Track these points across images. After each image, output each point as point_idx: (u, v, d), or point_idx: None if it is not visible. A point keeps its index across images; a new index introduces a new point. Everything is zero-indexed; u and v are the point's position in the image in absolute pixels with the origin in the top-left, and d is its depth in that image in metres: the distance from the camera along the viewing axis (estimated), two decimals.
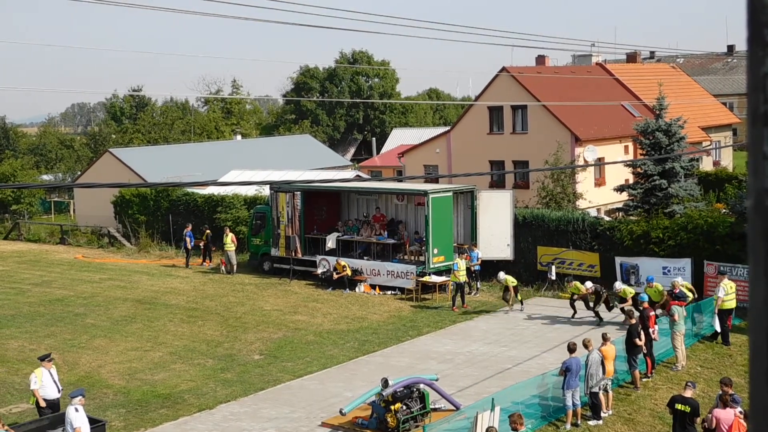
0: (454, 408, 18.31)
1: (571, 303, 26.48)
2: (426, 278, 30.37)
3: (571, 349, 18.10)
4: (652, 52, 78.50)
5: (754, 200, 1.41)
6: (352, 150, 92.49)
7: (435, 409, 18.42)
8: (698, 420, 15.75)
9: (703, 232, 27.35)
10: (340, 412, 17.94)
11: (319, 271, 33.08)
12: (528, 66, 49.33)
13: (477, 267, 30.66)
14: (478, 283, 30.97)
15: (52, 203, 61.13)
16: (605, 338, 19.14)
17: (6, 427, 15.22)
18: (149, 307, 30.34)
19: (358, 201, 36.26)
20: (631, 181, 36.17)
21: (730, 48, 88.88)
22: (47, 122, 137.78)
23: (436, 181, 42.01)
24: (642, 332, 20.04)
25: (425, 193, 30.93)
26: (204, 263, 38.52)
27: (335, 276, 32.01)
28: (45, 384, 17.33)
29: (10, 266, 40.49)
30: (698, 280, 26.84)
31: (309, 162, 57.07)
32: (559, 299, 28.89)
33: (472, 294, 30.43)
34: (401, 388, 17.71)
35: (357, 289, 31.77)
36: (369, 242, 33.64)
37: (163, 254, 41.91)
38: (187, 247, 38.46)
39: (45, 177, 67.72)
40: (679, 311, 21.49)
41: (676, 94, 48.66)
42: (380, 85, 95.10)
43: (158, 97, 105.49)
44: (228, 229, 37.02)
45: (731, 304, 23.28)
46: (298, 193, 34.07)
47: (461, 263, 28.96)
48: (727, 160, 55.53)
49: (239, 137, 69.90)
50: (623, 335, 20.78)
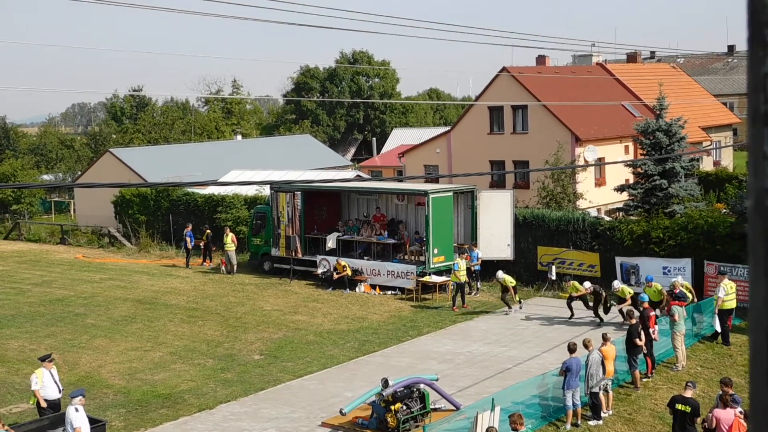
0: (455, 408, 18.31)
1: (568, 304, 26.42)
2: (426, 278, 30.37)
3: (572, 349, 18.10)
4: (653, 52, 78.51)
5: (754, 200, 1.41)
6: (353, 150, 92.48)
7: (435, 409, 18.41)
8: (698, 420, 15.76)
9: (704, 232, 27.34)
10: (341, 412, 17.94)
11: (320, 271, 33.08)
12: (528, 66, 49.34)
13: (477, 267, 30.66)
14: (479, 283, 30.96)
15: (52, 203, 61.15)
16: (605, 338, 19.14)
17: (6, 427, 15.22)
18: (149, 307, 30.35)
19: (359, 201, 36.26)
20: (631, 181, 36.17)
21: (731, 48, 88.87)
22: (47, 122, 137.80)
23: (436, 181, 42.00)
24: (642, 332, 20.05)
25: (425, 193, 30.93)
26: (204, 263, 38.52)
27: (335, 276, 32.01)
28: (46, 384, 17.33)
29: (10, 266, 40.50)
30: (698, 280, 26.84)
31: (309, 162, 57.07)
32: (560, 299, 28.86)
33: (473, 294, 30.42)
34: (401, 388, 17.70)
35: (357, 289, 31.77)
36: (369, 242, 33.63)
37: (164, 254, 41.92)
38: (187, 247, 38.46)
39: (45, 177, 67.72)
40: (679, 311, 21.49)
41: (676, 94, 48.67)
42: (380, 85, 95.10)
43: (158, 97, 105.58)
44: (228, 229, 37.03)
45: (731, 304, 23.28)
46: (299, 193, 34.07)
47: (462, 263, 28.95)
48: (728, 160, 55.54)
49: (239, 137, 69.91)
50: (623, 335, 20.79)
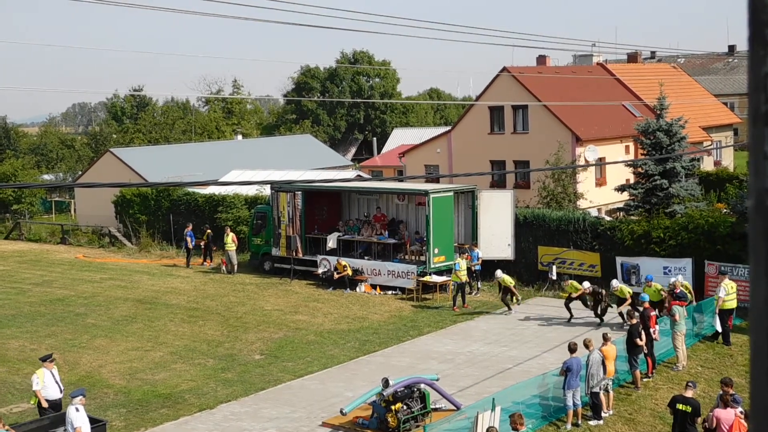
0: (455, 408, 18.31)
1: (567, 306, 26.35)
2: (427, 278, 30.37)
3: (572, 349, 18.09)
4: (653, 52, 78.49)
5: (755, 200, 1.41)
6: (353, 150, 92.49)
7: (435, 409, 18.41)
8: (699, 420, 15.76)
9: (704, 232, 27.33)
10: (341, 412, 17.94)
11: (320, 270, 33.08)
12: (529, 66, 49.34)
13: (478, 267, 30.66)
14: (479, 283, 30.96)
15: (53, 203, 61.16)
16: (606, 338, 19.14)
17: (6, 427, 15.22)
18: (150, 306, 30.35)
19: (359, 201, 36.26)
20: (631, 181, 36.16)
21: (731, 48, 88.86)
22: (48, 122, 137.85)
23: (436, 180, 41.99)
24: (643, 332, 20.05)
25: (426, 193, 30.92)
26: (205, 263, 38.52)
27: (336, 276, 32.01)
28: (47, 385, 17.34)
29: (11, 266, 40.51)
30: (699, 280, 26.83)
31: (310, 162, 57.07)
32: (560, 299, 28.83)
33: (473, 294, 30.42)
34: (402, 388, 17.70)
35: (358, 289, 31.76)
36: (370, 242, 33.64)
37: (164, 254, 41.93)
38: (187, 247, 38.47)
39: (46, 177, 67.73)
40: (679, 311, 21.49)
41: (676, 94, 48.67)
42: (381, 85, 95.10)
43: (159, 97, 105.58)
44: (229, 229, 37.04)
45: (732, 304, 23.27)
46: (299, 192, 34.06)
47: (463, 263, 28.95)
48: (728, 160, 55.53)
49: (240, 137, 69.92)
50: (624, 335, 20.79)
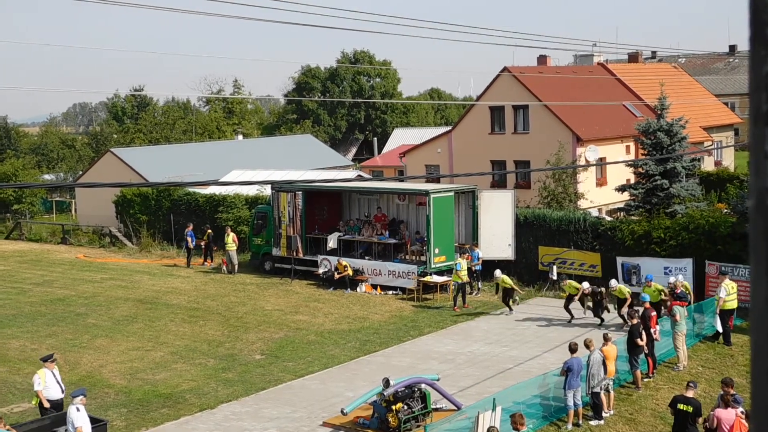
0: (456, 408, 18.31)
1: (566, 308, 26.30)
2: (427, 278, 30.36)
3: (573, 349, 18.09)
4: (654, 52, 78.47)
5: (755, 200, 1.41)
6: (354, 150, 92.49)
7: (436, 409, 18.41)
8: (700, 420, 15.76)
9: (705, 232, 27.32)
10: (342, 411, 17.94)
11: (321, 270, 33.08)
12: (529, 66, 49.35)
13: (478, 267, 30.65)
14: (480, 283, 30.95)
15: (53, 203, 61.16)
16: (606, 338, 19.14)
17: (7, 427, 15.22)
18: (150, 306, 30.35)
19: (360, 201, 36.25)
20: (632, 181, 36.16)
21: (732, 48, 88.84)
22: (49, 122, 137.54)
23: (437, 180, 41.99)
24: (643, 332, 20.04)
25: (427, 193, 30.92)
26: (205, 263, 38.53)
27: (336, 276, 32.01)
28: (48, 385, 17.34)
29: (11, 266, 40.53)
30: (700, 280, 26.82)
31: (310, 162, 57.07)
32: (561, 299, 28.83)
33: (474, 294, 30.41)
34: (402, 388, 17.70)
35: (358, 289, 31.76)
36: (370, 242, 33.64)
37: (165, 254, 41.93)
38: (188, 247, 38.49)
39: (46, 177, 67.73)
40: (680, 311, 21.48)
41: (677, 94, 48.66)
42: (382, 85, 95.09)
43: (160, 97, 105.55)
44: (229, 229, 37.04)
45: (733, 304, 23.26)
46: (300, 192, 34.06)
47: (464, 263, 28.95)
48: (729, 160, 55.51)
49: (241, 137, 69.92)
50: (624, 335, 20.79)
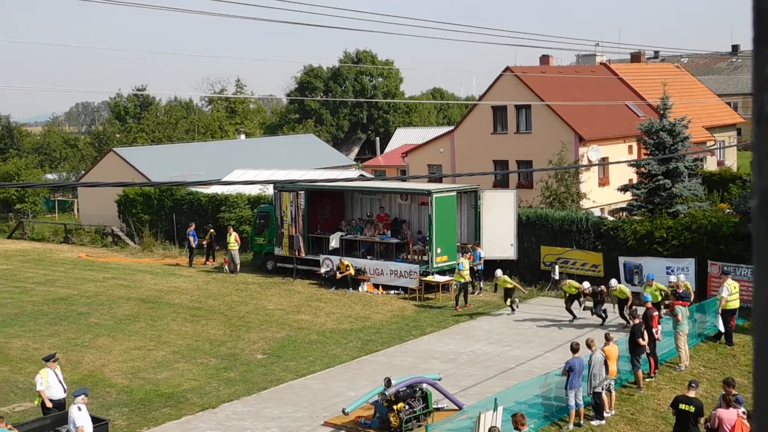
0: (457, 408, 18.30)
1: (568, 309, 26.27)
2: (429, 278, 30.36)
3: (574, 349, 18.08)
4: (657, 52, 78.41)
5: (758, 200, 1.41)
6: (356, 149, 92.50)
7: (438, 409, 18.41)
8: (701, 420, 15.75)
9: (707, 232, 27.29)
10: (343, 411, 17.93)
11: (323, 270, 33.09)
12: (532, 66, 49.33)
13: (480, 267, 30.65)
14: (481, 282, 30.93)
15: (56, 202, 61.23)
16: (608, 338, 19.12)
17: (9, 426, 15.22)
18: (152, 306, 30.37)
19: (362, 200, 36.25)
20: (634, 181, 36.13)
21: (735, 48, 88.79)
22: (51, 121, 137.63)
23: (439, 180, 41.97)
24: (645, 332, 20.03)
25: (429, 193, 30.91)
26: (207, 262, 38.54)
27: (338, 275, 32.01)
28: (51, 385, 17.34)
29: (14, 265, 40.56)
30: (702, 280, 26.80)
31: (313, 161, 57.08)
32: (563, 299, 28.82)
33: (475, 294, 30.41)
34: (404, 388, 17.70)
35: (360, 289, 31.77)
36: (372, 242, 33.64)
37: (167, 253, 41.95)
38: (190, 246, 38.51)
39: (49, 176, 67.81)
40: (682, 311, 21.47)
41: (680, 93, 48.59)
42: (384, 85, 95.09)
43: (162, 97, 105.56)
44: (231, 229, 37.04)
45: (735, 304, 23.25)
46: (302, 192, 34.07)
47: (466, 263, 28.95)
48: (732, 159, 55.45)
49: (243, 137, 69.95)
50: (626, 335, 20.78)
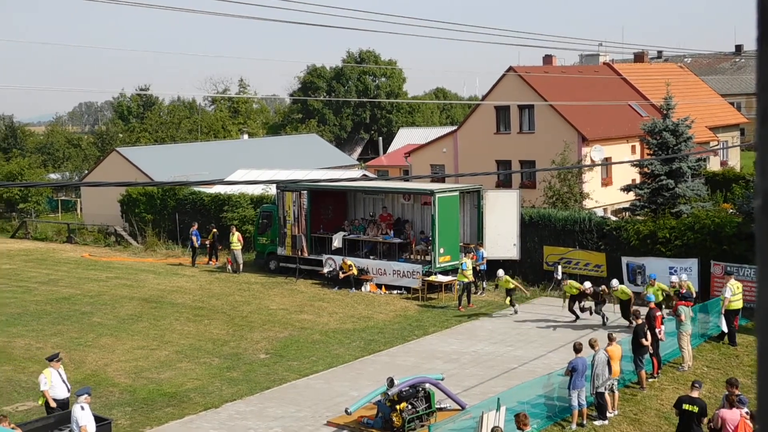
0: (460, 408, 18.31)
1: (571, 309, 26.23)
2: (432, 278, 30.36)
3: (577, 349, 18.07)
4: (660, 52, 78.30)
5: (761, 200, 1.41)
6: (359, 149, 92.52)
7: (440, 409, 18.41)
8: (704, 420, 15.73)
9: (710, 232, 27.27)
10: (346, 411, 17.94)
11: (325, 270, 33.09)
12: (535, 66, 49.31)
13: (483, 266, 30.64)
14: (484, 282, 30.92)
15: (59, 202, 61.31)
16: (611, 338, 19.10)
17: (12, 426, 15.23)
18: (155, 305, 30.39)
19: (365, 200, 36.25)
20: (638, 181, 36.08)
21: (738, 48, 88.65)
22: (55, 121, 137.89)
23: (442, 180, 41.98)
24: (648, 332, 20.01)
25: (432, 193, 30.91)
26: (210, 262, 38.57)
27: (341, 275, 32.01)
28: (54, 384, 17.34)
29: (17, 264, 40.61)
30: (705, 280, 26.79)
31: (316, 161, 57.10)
32: (565, 299, 28.80)
33: (478, 294, 30.40)
34: (407, 388, 17.70)
35: (363, 289, 31.77)
36: (375, 241, 33.64)
37: (170, 253, 41.98)
38: (193, 246, 38.54)
39: (52, 176, 67.89)
40: (685, 311, 21.45)
41: (683, 93, 48.54)
42: (387, 85, 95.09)
43: (165, 97, 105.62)
44: (234, 228, 37.06)
45: (738, 304, 23.23)
46: (305, 192, 34.08)
47: (469, 263, 28.94)
48: (735, 160, 55.40)
49: (246, 136, 70.01)
50: (629, 335, 20.76)
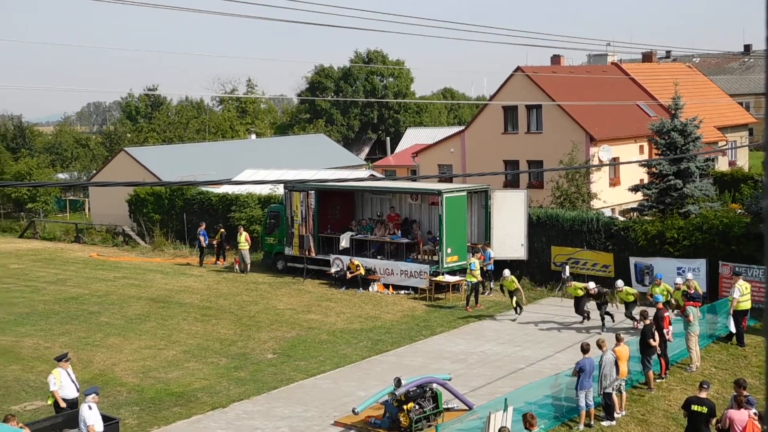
0: (467, 408, 18.29)
1: (578, 310, 26.14)
2: (439, 278, 30.34)
3: (585, 349, 18.03)
4: (668, 52, 78.10)
5: None
6: (367, 149, 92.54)
7: (448, 409, 18.39)
8: (713, 421, 15.68)
9: (719, 232, 27.18)
10: (353, 411, 17.94)
11: (333, 270, 33.11)
12: (543, 65, 49.26)
13: (490, 267, 30.60)
14: (491, 283, 30.88)
15: (67, 202, 61.48)
16: (619, 339, 19.06)
17: (21, 425, 15.27)
18: (163, 305, 30.45)
19: (372, 200, 36.25)
20: (645, 181, 36.00)
21: (747, 47, 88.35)
22: (63, 121, 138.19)
23: (450, 180, 41.95)
24: (656, 333, 19.97)
25: (439, 193, 30.89)
26: (218, 262, 38.62)
27: (349, 275, 32.02)
28: (64, 384, 17.38)
29: (25, 264, 40.73)
30: (713, 280, 26.70)
31: (323, 161, 57.15)
32: (571, 299, 28.73)
33: (486, 294, 30.37)
34: (414, 388, 17.70)
35: (370, 289, 31.77)
36: (383, 241, 33.63)
37: (177, 253, 42.05)
38: (201, 246, 38.60)
39: (60, 176, 68.10)
40: (694, 312, 21.39)
41: (691, 93, 48.42)
42: (395, 85, 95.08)
43: (173, 97, 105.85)
44: (242, 228, 37.11)
45: (746, 305, 23.10)
46: (312, 192, 34.09)
47: (477, 263, 28.91)
48: (743, 160, 55.24)
49: (254, 136, 70.09)
50: (636, 336, 20.71)
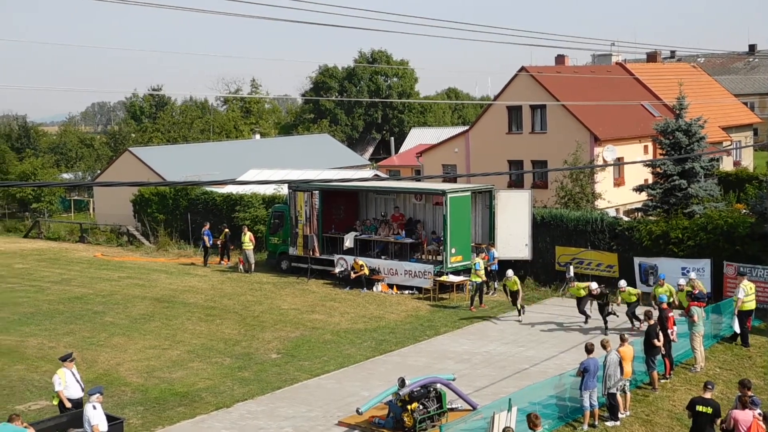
0: (471, 408, 18.27)
1: (581, 311, 26.11)
2: (443, 278, 30.32)
3: (589, 349, 18.01)
4: (673, 52, 78.03)
5: None
6: (371, 149, 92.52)
7: (452, 409, 18.38)
8: (717, 421, 15.64)
9: (723, 232, 27.14)
10: (357, 411, 17.93)
11: (337, 270, 33.10)
12: (547, 65, 49.21)
13: (494, 267, 30.58)
14: (495, 283, 30.84)
15: (71, 202, 61.59)
16: (623, 339, 19.01)
17: (25, 425, 15.28)
18: (167, 305, 30.46)
19: (376, 200, 36.23)
20: (650, 181, 35.94)
21: (752, 47, 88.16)
22: (68, 121, 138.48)
23: (454, 180, 41.95)
24: (660, 333, 19.92)
25: (443, 193, 30.87)
26: (222, 262, 38.64)
27: (353, 275, 32.02)
28: (68, 384, 17.40)
29: (30, 264, 40.79)
30: (718, 281, 26.68)
31: (327, 161, 57.16)
32: (575, 299, 28.68)
33: (490, 294, 30.34)
34: (418, 388, 17.68)
35: (374, 289, 31.76)
36: (387, 241, 33.62)
37: (182, 253, 42.08)
38: (205, 246, 38.63)
39: (65, 176, 68.18)
40: (698, 312, 21.34)
41: (696, 93, 48.38)
42: (399, 85, 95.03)
43: (178, 97, 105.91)
44: (246, 228, 37.14)
45: (751, 305, 23.09)
46: (317, 192, 34.09)
47: (482, 263, 28.88)
48: (748, 160, 55.15)
49: (258, 136, 70.07)
50: (640, 336, 20.66)
